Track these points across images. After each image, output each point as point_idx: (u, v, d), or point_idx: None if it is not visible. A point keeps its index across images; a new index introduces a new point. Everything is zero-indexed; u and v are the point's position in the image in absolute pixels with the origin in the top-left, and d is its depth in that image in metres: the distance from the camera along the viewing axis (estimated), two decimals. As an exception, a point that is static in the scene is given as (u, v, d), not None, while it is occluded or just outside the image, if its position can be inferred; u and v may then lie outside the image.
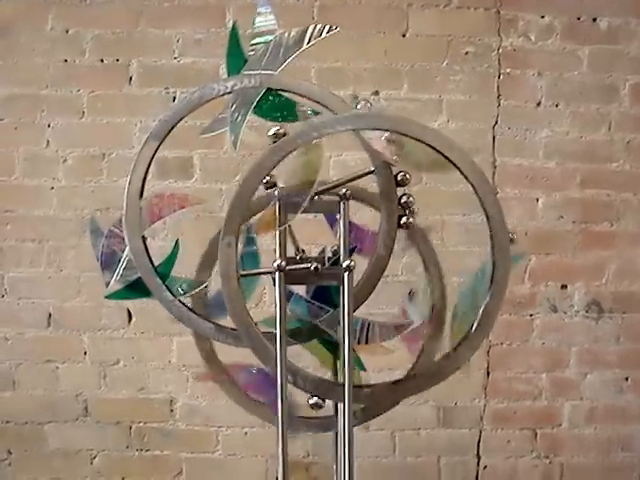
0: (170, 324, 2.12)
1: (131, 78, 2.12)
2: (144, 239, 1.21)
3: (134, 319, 2.17)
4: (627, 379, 2.21)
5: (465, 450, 2.22)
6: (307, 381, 1.18)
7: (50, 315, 2.17)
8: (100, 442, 2.21)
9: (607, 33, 2.13)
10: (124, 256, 1.22)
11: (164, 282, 1.20)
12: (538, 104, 2.14)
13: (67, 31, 2.11)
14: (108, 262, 1.24)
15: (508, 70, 2.13)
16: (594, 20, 2.13)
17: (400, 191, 1.19)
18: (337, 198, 1.18)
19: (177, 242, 1.25)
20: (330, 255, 1.25)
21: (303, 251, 1.24)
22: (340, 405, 1.19)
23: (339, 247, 1.19)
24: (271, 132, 1.16)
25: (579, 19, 2.13)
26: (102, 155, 2.13)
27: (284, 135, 1.15)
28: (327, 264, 1.17)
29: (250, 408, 1.36)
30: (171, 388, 2.19)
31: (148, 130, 2.10)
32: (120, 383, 2.19)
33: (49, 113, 2.12)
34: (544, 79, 2.13)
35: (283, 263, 1.14)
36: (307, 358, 1.27)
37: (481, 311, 1.16)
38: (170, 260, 1.23)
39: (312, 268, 1.16)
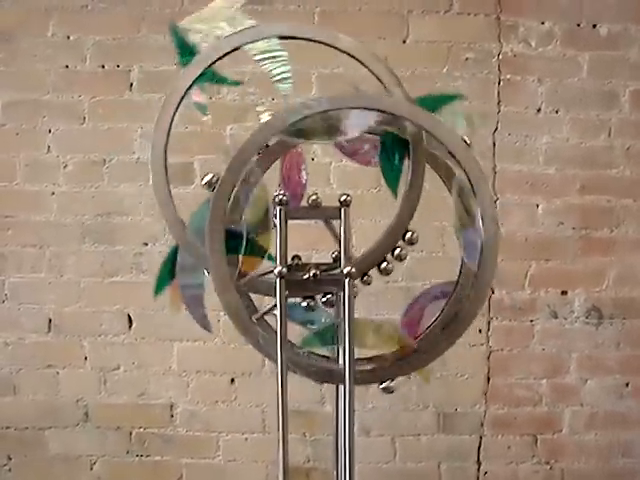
0: (170, 329, 2.13)
1: (132, 84, 2.12)
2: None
3: (134, 324, 2.17)
4: (627, 385, 2.21)
5: (465, 456, 2.21)
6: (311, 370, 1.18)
7: (50, 320, 2.17)
8: (100, 448, 2.21)
9: (607, 39, 2.14)
10: None
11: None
12: (538, 110, 2.14)
13: (68, 37, 2.11)
14: None
15: (508, 76, 2.13)
16: (594, 26, 2.14)
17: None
18: (337, 204, 1.18)
19: None
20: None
21: (299, 258, 1.24)
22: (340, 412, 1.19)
23: (339, 253, 1.19)
24: None
25: (579, 25, 2.14)
26: (103, 161, 2.13)
27: None
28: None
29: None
30: (171, 393, 2.19)
31: (149, 136, 2.11)
32: (120, 388, 2.19)
33: (50, 119, 2.13)
34: (544, 85, 2.13)
35: (283, 270, 1.14)
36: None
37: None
38: None
39: (311, 275, 1.16)
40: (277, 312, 1.14)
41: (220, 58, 1.23)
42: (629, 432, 2.22)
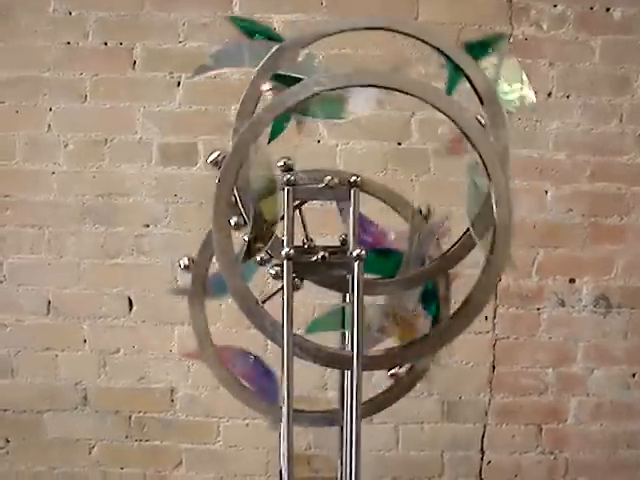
0: (171, 313, 2.10)
1: (135, 62, 2.08)
2: None
3: (135, 307, 2.14)
4: (634, 375, 2.18)
5: (469, 445, 2.19)
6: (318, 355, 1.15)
7: (50, 302, 2.14)
8: (99, 431, 2.19)
9: (620, 23, 2.10)
10: None
11: None
12: (549, 95, 2.10)
13: (70, 13, 2.07)
14: None
15: (519, 59, 2.08)
16: (607, 10, 2.09)
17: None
18: (347, 185, 1.15)
19: None
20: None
21: (311, 240, 1.21)
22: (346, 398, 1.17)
23: (348, 235, 1.16)
24: None
25: (592, 9, 2.09)
26: (104, 140, 2.10)
27: None
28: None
29: (238, 393, 1.31)
30: (172, 378, 2.17)
31: (151, 116, 2.08)
32: (120, 372, 2.17)
33: (51, 97, 2.09)
34: (555, 69, 2.09)
35: (291, 252, 1.10)
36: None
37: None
38: None
39: (319, 257, 1.12)
40: (284, 295, 1.11)
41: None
42: (635, 423, 2.20)
